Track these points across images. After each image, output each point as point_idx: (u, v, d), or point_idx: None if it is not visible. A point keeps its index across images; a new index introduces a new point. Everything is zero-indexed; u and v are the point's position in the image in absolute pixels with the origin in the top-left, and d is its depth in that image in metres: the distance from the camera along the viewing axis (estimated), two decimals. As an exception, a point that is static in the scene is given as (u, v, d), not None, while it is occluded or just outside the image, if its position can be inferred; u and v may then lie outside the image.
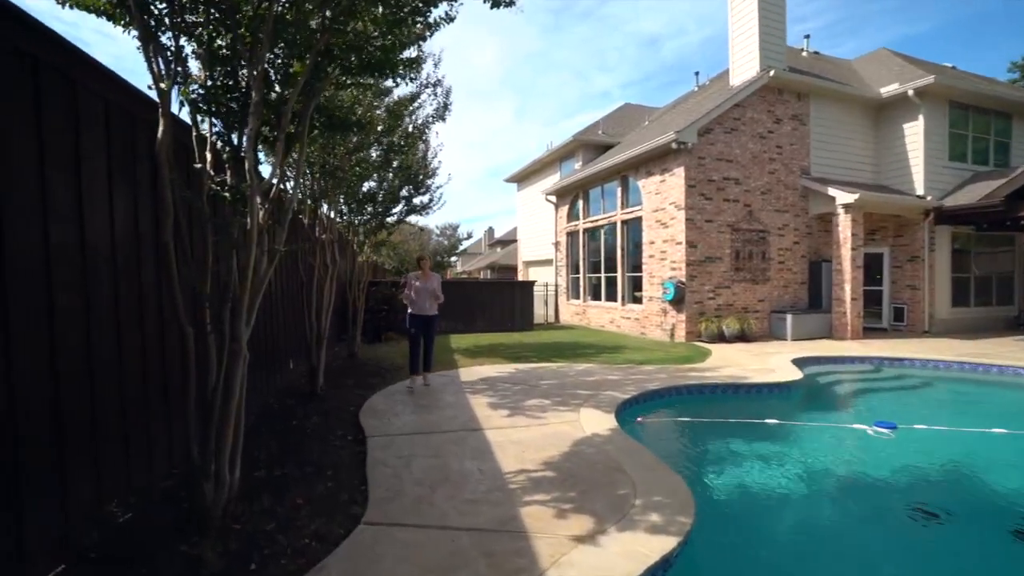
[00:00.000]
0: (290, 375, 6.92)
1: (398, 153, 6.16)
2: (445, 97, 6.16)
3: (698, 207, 10.76)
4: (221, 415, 2.74)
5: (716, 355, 8.84)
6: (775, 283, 11.65)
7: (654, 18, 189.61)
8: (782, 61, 11.48)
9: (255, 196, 2.63)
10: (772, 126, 11.49)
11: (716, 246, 10.98)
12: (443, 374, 7.15)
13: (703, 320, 10.69)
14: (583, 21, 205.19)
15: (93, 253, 2.70)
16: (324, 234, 5.86)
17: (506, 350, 9.64)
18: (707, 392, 6.43)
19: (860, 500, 3.70)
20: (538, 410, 5.14)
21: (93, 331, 2.68)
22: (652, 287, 11.71)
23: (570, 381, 6.57)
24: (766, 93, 11.37)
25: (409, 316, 6.21)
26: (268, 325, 5.86)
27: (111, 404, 2.84)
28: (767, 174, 11.48)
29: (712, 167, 10.89)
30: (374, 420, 4.81)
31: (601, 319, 14.02)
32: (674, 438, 5.07)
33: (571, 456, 3.81)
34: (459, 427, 4.58)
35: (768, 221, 11.53)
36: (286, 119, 2.77)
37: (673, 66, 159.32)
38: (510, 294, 13.55)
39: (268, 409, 5.29)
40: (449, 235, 28.57)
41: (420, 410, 5.21)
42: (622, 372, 7.20)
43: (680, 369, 7.46)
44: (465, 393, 5.94)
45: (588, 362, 8.13)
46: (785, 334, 11.02)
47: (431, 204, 9.35)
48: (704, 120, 10.57)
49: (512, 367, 7.73)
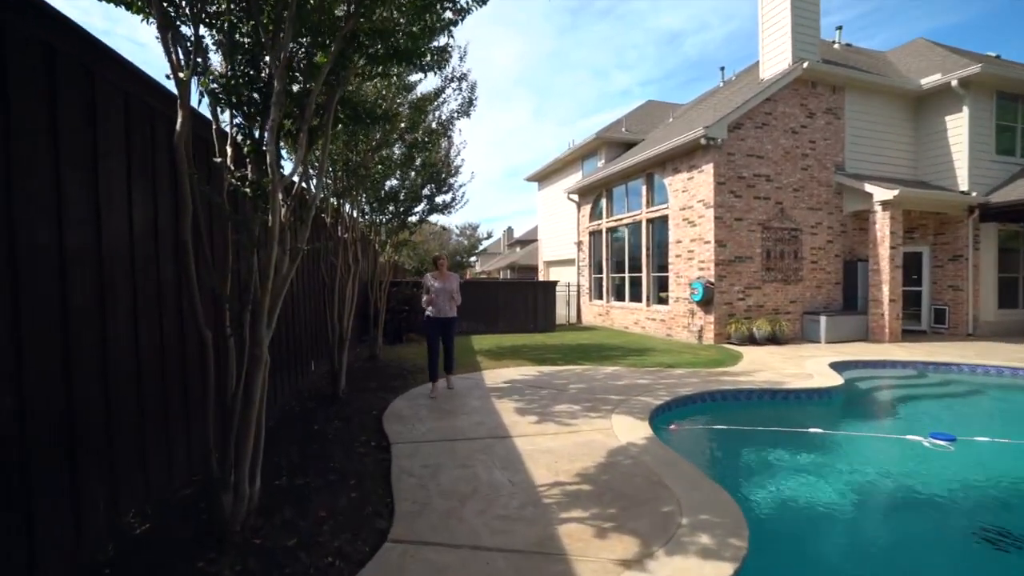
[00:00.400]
0: (312, 377, 6.83)
1: (421, 150, 6.00)
2: (470, 92, 5.97)
3: (727, 205, 10.39)
4: (241, 424, 2.60)
5: (747, 358, 8.49)
6: (807, 283, 11.19)
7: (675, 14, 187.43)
8: (815, 53, 11.03)
9: (277, 191, 2.48)
10: (805, 120, 11.04)
11: (746, 245, 10.59)
12: (467, 376, 6.97)
13: (732, 322, 10.32)
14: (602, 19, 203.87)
15: (110, 252, 2.59)
16: (347, 233, 5.74)
17: (530, 352, 9.44)
18: (742, 398, 6.12)
19: (924, 521, 3.39)
20: (568, 416, 4.92)
21: (109, 333, 2.56)
22: (679, 287, 11.37)
23: (598, 385, 6.33)
24: (799, 86, 10.93)
25: (426, 319, 5.93)
26: (290, 326, 5.76)
27: (128, 409, 2.73)
28: (799, 170, 11.04)
29: (742, 163, 10.51)
30: (398, 426, 4.65)
31: (625, 320, 13.70)
32: (712, 448, 4.79)
33: (607, 468, 3.58)
34: (486, 434, 4.38)
35: (800, 219, 11.08)
36: (309, 110, 2.61)
37: (695, 62, 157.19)
38: (532, 294, 13.33)
39: (290, 413, 5.18)
40: (469, 235, 28.47)
41: (445, 415, 5.04)
42: (651, 376, 6.93)
43: (712, 373, 7.15)
44: (490, 397, 5.75)
45: (615, 365, 7.87)
46: (818, 337, 10.58)
47: (453, 203, 9.19)
48: (734, 115, 10.20)
49: (537, 370, 7.51)
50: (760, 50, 11.81)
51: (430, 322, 5.88)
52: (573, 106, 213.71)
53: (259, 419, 2.66)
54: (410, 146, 5.81)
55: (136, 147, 2.84)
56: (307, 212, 2.75)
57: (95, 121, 2.52)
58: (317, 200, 2.83)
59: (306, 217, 2.75)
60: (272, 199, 2.48)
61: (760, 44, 11.75)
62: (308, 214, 2.74)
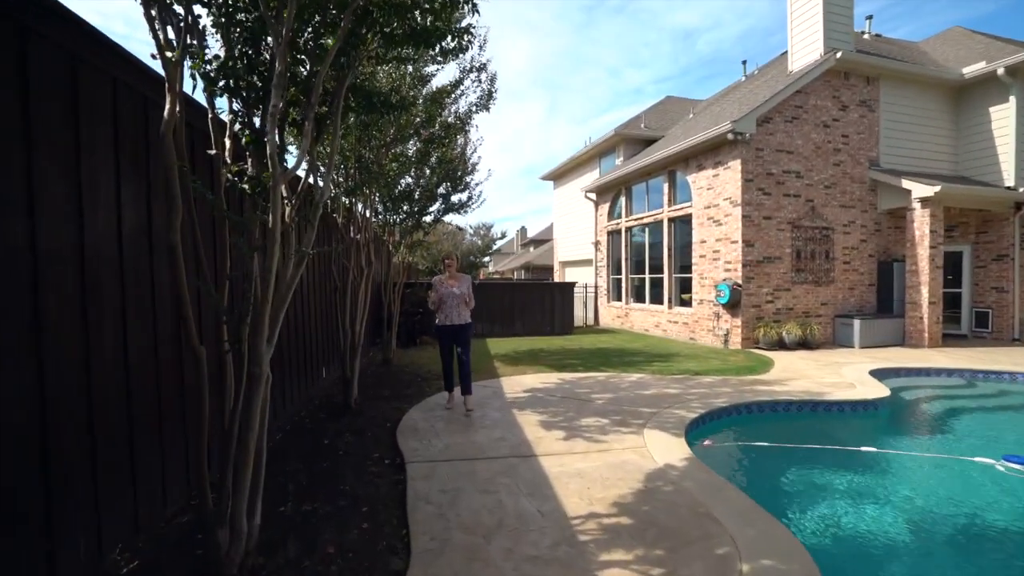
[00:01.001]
0: (323, 383, 6.56)
1: (437, 146, 5.67)
2: (490, 84, 5.62)
3: (755, 203, 9.91)
4: (239, 451, 2.28)
5: (779, 365, 8.03)
6: (839, 285, 10.65)
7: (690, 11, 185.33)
8: (849, 42, 10.48)
9: (278, 187, 2.16)
10: (837, 114, 10.50)
11: (775, 245, 10.10)
12: (484, 384, 6.64)
13: (761, 325, 9.84)
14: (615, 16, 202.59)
15: (94, 256, 2.30)
16: (359, 234, 5.44)
17: (548, 357, 9.07)
18: (780, 410, 5.70)
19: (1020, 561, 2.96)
20: (596, 431, 4.55)
21: (93, 345, 2.27)
22: (703, 289, 10.90)
23: (625, 395, 5.94)
24: (831, 77, 10.39)
25: (436, 327, 5.42)
26: (300, 331, 5.48)
27: (115, 431, 2.44)
28: (831, 166, 10.50)
29: (771, 159, 10.02)
30: (413, 441, 4.33)
31: (645, 323, 13.26)
32: (756, 469, 4.37)
33: (646, 496, 3.21)
34: (508, 452, 4.04)
35: (832, 217, 10.55)
36: (316, 95, 2.29)
37: (709, 60, 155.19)
38: (549, 296, 12.96)
39: (299, 424, 4.90)
40: (483, 235, 28.15)
41: (463, 429, 4.71)
42: (680, 384, 6.52)
43: (744, 382, 6.72)
44: (511, 409, 5.41)
45: (640, 372, 7.47)
46: (852, 341, 10.05)
47: (470, 202, 8.88)
48: (763, 108, 9.71)
49: (558, 377, 7.15)
50: (789, 40, 11.28)
51: (440, 330, 5.39)
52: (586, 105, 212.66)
53: (259, 445, 2.35)
54: (425, 141, 5.48)
55: (127, 140, 2.55)
56: (314, 212, 2.42)
57: (77, 110, 2.23)
58: (326, 198, 2.50)
59: (312, 217, 2.42)
60: (273, 195, 2.16)
61: (789, 34, 11.23)
62: (315, 214, 2.42)
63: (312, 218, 2.42)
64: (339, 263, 5.49)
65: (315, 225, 2.44)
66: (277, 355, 4.82)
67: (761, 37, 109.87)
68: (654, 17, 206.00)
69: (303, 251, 2.33)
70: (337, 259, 5.54)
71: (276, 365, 4.73)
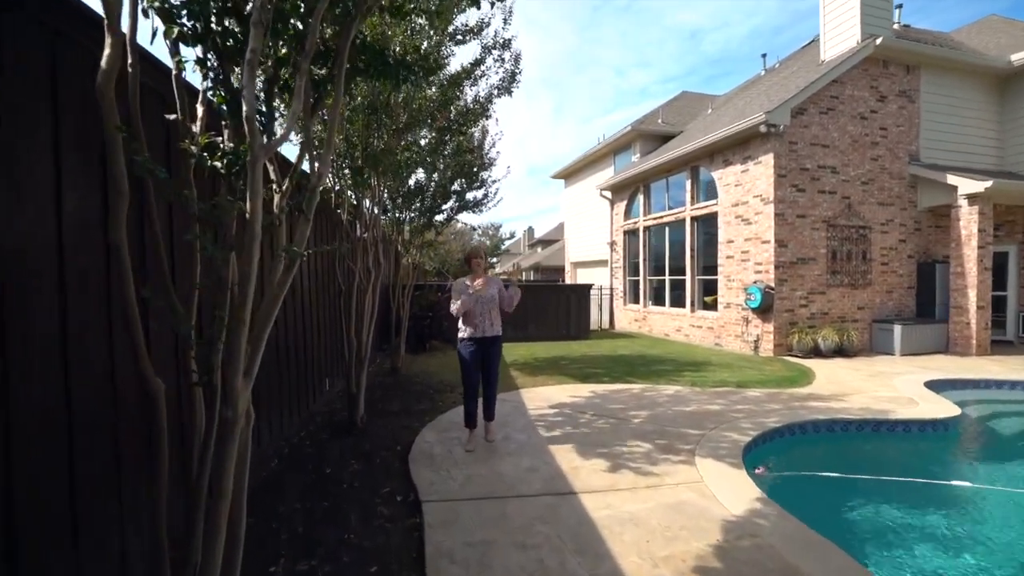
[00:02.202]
0: (328, 395, 5.98)
1: (455, 134, 5.07)
2: (514, 64, 4.99)
3: (789, 200, 9.25)
4: (208, 522, 1.69)
5: (821, 375, 7.37)
6: (877, 288, 9.96)
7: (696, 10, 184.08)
8: (888, 28, 9.80)
9: (259, 162, 1.57)
10: (875, 105, 9.82)
11: (809, 245, 9.43)
12: (503, 398, 6.03)
13: (795, 331, 9.18)
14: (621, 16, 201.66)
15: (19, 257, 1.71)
16: (366, 232, 4.86)
17: (569, 365, 8.45)
18: (839, 430, 5.06)
19: None
20: (641, 459, 3.93)
21: (12, 382, 1.69)
22: (730, 292, 10.25)
23: (664, 413, 5.32)
24: (869, 66, 9.72)
25: (460, 343, 4.37)
26: (300, 341, 4.90)
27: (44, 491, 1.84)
28: (868, 161, 9.82)
29: (805, 153, 9.35)
30: (429, 471, 3.73)
31: (665, 327, 12.61)
32: (836, 511, 3.70)
33: (722, 555, 2.59)
34: (543, 488, 3.43)
35: (870, 216, 9.86)
36: (311, 41, 1.69)
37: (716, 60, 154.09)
38: (565, 299, 12.33)
39: (298, 448, 4.31)
40: (492, 234, 27.56)
41: (486, 455, 4.10)
42: (722, 399, 5.89)
43: (792, 396, 6.08)
44: (536, 428, 4.80)
45: (673, 383, 6.83)
46: (892, 348, 9.36)
47: (485, 200, 8.28)
48: (798, 98, 9.05)
49: (584, 389, 6.53)
50: (821, 27, 10.61)
51: (465, 346, 4.32)
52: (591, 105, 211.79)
53: (236, 510, 1.76)
54: (440, 130, 4.89)
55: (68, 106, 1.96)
56: (309, 200, 1.83)
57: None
58: (323, 181, 1.91)
59: (308, 205, 1.83)
60: (251, 173, 1.57)
61: (821, 20, 10.55)
62: (310, 202, 1.82)
63: (307, 207, 1.82)
64: (344, 265, 4.90)
65: (310, 217, 1.84)
66: (274, 369, 4.26)
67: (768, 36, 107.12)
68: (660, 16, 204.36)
69: (294, 251, 1.73)
70: (342, 260, 4.96)
71: (273, 381, 4.15)
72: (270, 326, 1.79)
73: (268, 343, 3.92)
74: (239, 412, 1.66)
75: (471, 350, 4.31)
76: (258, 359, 1.77)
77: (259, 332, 1.76)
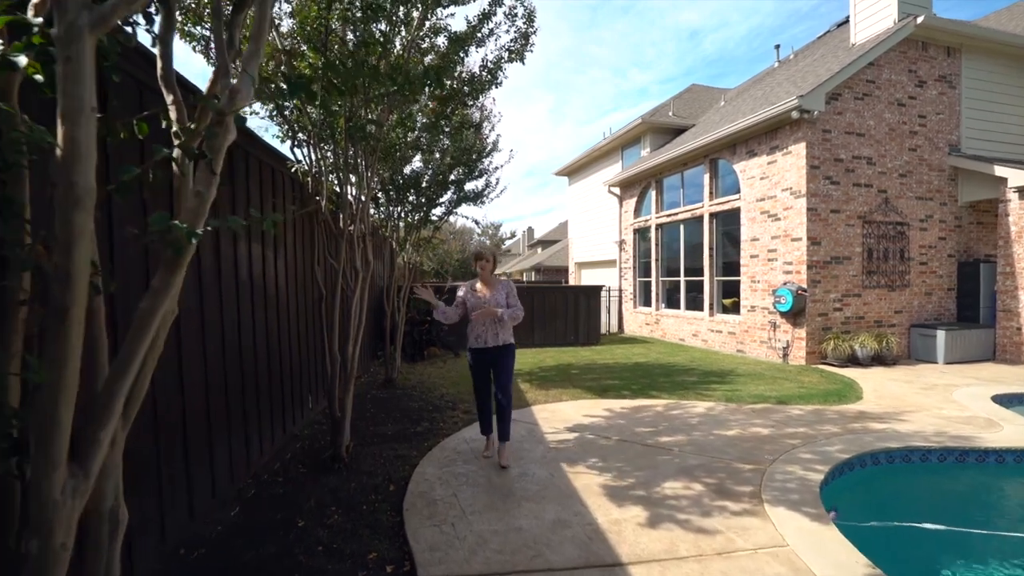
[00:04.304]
0: (309, 416, 5.16)
1: (459, 104, 4.23)
2: (527, 22, 4.15)
3: (822, 193, 8.45)
4: None
5: (868, 388, 6.57)
6: (916, 290, 9.16)
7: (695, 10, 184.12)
8: (927, 6, 9.02)
9: (81, 43, 0.75)
10: (914, 90, 9.02)
11: (844, 243, 8.63)
12: (515, 417, 5.20)
13: (830, 336, 8.37)
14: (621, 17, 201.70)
15: None
16: (352, 225, 4.04)
17: (583, 375, 7.63)
18: (916, 460, 4.24)
19: None
20: (693, 507, 3.11)
21: None
22: (755, 294, 9.44)
23: (703, 439, 4.50)
24: (907, 48, 8.93)
25: (469, 352, 4.03)
26: (274, 353, 4.08)
27: None
28: (906, 151, 9.03)
29: (840, 143, 8.55)
30: (429, 527, 2.90)
31: (680, 331, 11.80)
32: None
33: None
34: (579, 555, 2.60)
35: (908, 211, 9.07)
36: None
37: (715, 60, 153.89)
38: (573, 301, 11.51)
39: (267, 488, 3.48)
40: (492, 234, 26.71)
41: (499, 500, 3.28)
42: (766, 420, 5.08)
43: (842, 415, 5.27)
44: (557, 461, 3.98)
45: (703, 398, 6.02)
46: (934, 356, 8.57)
47: (486, 191, 7.47)
48: (834, 81, 8.25)
49: (604, 406, 5.71)
50: (851, 8, 9.83)
51: (471, 356, 4.01)
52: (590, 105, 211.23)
53: None
54: (442, 100, 4.06)
55: None
56: (212, 137, 1.00)
57: None
58: (244, 105, 1.09)
59: (211, 146, 1.00)
60: (64, 70, 0.75)
61: (852, 1, 9.77)
62: (215, 141, 1.00)
63: (211, 150, 1.00)
64: (325, 264, 4.08)
65: (217, 169, 1.02)
66: (236, 387, 3.44)
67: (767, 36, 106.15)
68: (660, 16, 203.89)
69: (171, 226, 0.91)
70: (322, 258, 4.14)
71: (235, 402, 3.32)
72: (137, 364, 0.97)
73: (229, 353, 2.97)
74: (55, 544, 0.84)
75: (476, 361, 4.01)
76: (124, 426, 0.95)
77: (119, 380, 0.94)
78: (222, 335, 3.27)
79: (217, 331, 3.21)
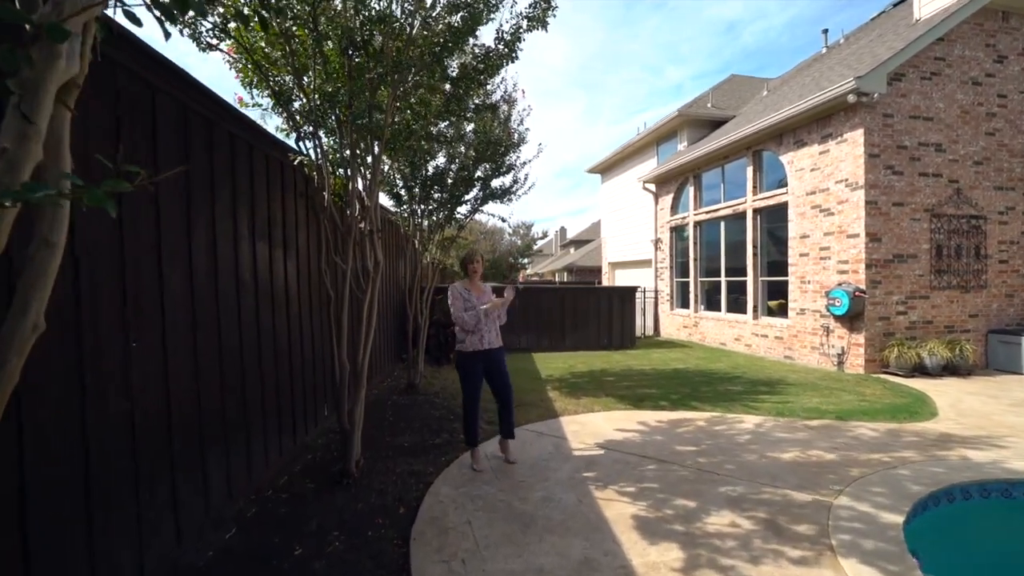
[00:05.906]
0: (326, 423, 4.90)
1: (475, 86, 3.85)
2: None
3: (883, 185, 7.65)
4: None
5: (943, 403, 5.81)
6: (994, 291, 8.21)
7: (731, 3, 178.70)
8: (1006, -26, 8.06)
9: None
10: (992, 67, 8.08)
11: (908, 239, 7.80)
12: (541, 429, 4.81)
13: (893, 343, 7.56)
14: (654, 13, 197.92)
15: None
16: (363, 221, 3.73)
17: (616, 383, 7.14)
18: (1019, 496, 3.59)
19: None
20: (742, 552, 2.62)
21: None
22: (805, 296, 8.69)
23: (753, 462, 3.96)
24: (984, 19, 8.01)
25: (462, 356, 3.85)
26: (285, 356, 3.82)
27: None
28: (983, 136, 8.09)
29: (903, 128, 7.73)
30: (436, 564, 2.54)
31: (721, 335, 11.08)
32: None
33: None
34: (606, 611, 2.18)
35: (984, 203, 8.13)
36: None
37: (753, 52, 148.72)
38: (607, 303, 10.98)
39: (267, 508, 3.20)
40: (523, 234, 26.29)
41: (517, 530, 2.88)
42: (826, 440, 4.48)
43: (919, 435, 4.60)
44: (587, 484, 3.54)
45: (750, 411, 5.44)
46: (1018, 366, 7.63)
47: (514, 187, 7.08)
48: (897, 60, 7.46)
49: (640, 418, 5.23)
50: (916, -19, 8.93)
51: (468, 360, 3.82)
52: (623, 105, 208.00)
53: None
54: (454, 80, 3.69)
55: None
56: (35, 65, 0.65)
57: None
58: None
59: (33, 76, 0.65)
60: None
61: (916, -27, 8.88)
62: (40, 70, 0.65)
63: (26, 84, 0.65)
64: (333, 264, 3.80)
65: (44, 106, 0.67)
66: (236, 393, 3.15)
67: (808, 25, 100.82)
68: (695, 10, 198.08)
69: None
70: (329, 258, 3.85)
71: (233, 411, 3.05)
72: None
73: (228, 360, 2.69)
74: None
75: (474, 363, 3.83)
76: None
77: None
78: (219, 338, 3.01)
79: (213, 334, 2.95)
